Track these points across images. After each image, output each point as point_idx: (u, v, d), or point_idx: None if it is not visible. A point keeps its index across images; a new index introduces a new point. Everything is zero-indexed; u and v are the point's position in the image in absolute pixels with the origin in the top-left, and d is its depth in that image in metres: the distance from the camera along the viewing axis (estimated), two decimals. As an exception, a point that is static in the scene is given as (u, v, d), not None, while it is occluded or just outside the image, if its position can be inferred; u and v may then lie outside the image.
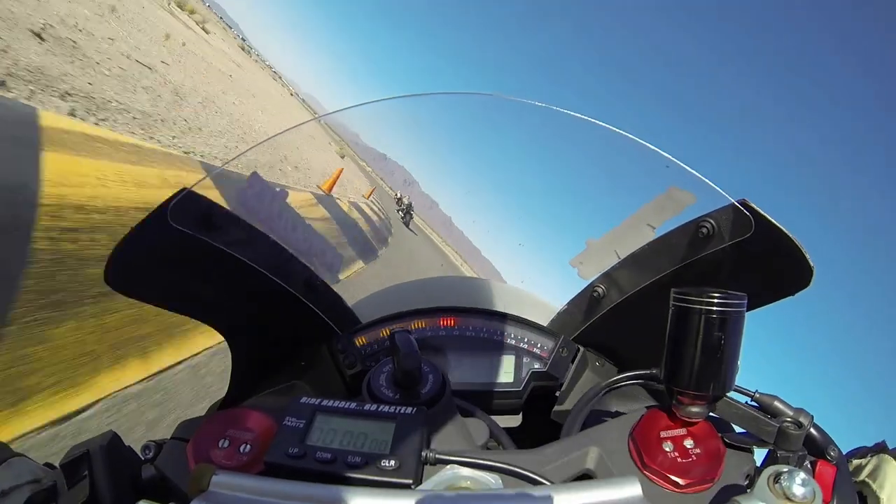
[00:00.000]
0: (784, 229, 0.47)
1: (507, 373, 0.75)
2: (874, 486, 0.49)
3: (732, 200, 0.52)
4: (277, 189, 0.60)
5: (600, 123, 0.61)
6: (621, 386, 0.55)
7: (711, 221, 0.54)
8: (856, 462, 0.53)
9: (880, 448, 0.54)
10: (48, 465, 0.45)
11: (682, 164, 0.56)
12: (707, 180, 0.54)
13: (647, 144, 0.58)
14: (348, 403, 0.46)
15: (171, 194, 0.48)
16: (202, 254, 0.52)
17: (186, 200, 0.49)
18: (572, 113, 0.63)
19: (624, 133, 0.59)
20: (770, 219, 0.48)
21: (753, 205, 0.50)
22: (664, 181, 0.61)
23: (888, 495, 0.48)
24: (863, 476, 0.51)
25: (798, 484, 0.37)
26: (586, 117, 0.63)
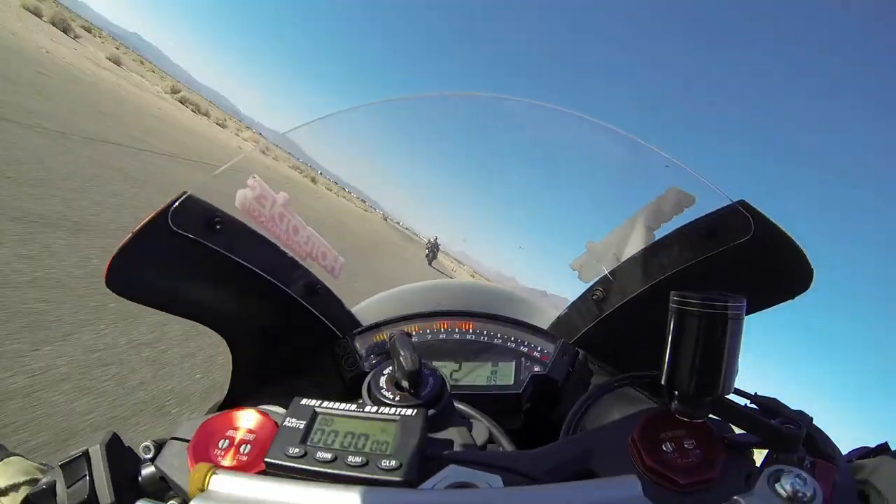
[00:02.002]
0: (783, 230, 0.48)
1: (507, 376, 0.75)
2: (877, 488, 0.49)
3: (732, 201, 0.52)
4: (278, 192, 0.61)
5: (599, 122, 0.62)
6: (620, 386, 0.55)
7: (710, 223, 0.55)
8: (857, 463, 0.53)
9: (882, 449, 0.53)
10: (46, 464, 0.45)
11: (681, 164, 0.57)
12: (706, 181, 0.55)
13: (646, 144, 0.58)
14: (349, 405, 0.46)
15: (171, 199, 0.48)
16: (203, 257, 0.52)
17: (187, 204, 0.49)
18: (572, 111, 0.64)
19: (622, 132, 0.60)
20: (769, 219, 0.49)
21: (753, 206, 0.50)
22: (664, 181, 0.62)
23: (891, 497, 0.47)
24: (864, 477, 0.51)
25: (798, 483, 0.37)
26: (586, 115, 0.63)
